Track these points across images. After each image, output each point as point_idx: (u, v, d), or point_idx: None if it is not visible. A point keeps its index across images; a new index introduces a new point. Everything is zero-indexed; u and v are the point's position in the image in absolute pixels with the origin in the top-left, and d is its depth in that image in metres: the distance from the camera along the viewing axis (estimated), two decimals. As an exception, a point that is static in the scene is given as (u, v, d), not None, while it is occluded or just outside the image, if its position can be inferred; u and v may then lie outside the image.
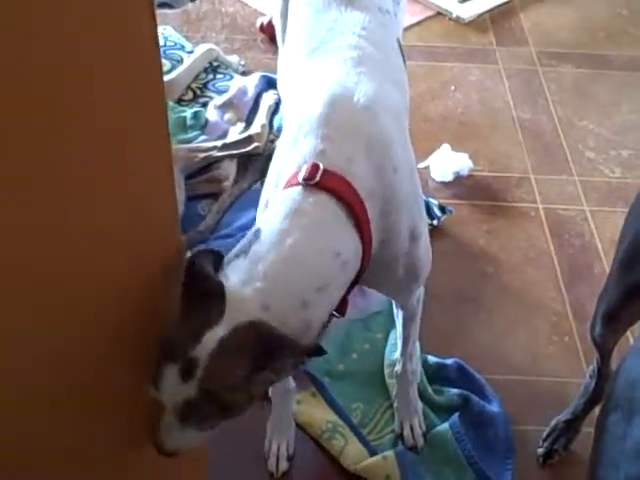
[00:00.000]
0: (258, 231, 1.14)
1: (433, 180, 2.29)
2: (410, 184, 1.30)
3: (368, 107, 1.26)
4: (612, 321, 1.41)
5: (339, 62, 1.35)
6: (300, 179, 1.15)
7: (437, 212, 2.14)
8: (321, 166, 1.16)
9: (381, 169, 1.22)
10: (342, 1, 1.50)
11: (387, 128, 1.28)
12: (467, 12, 3.02)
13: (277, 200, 1.18)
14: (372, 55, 1.38)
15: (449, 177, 2.29)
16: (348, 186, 1.16)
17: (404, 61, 1.53)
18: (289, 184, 1.18)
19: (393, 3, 1.64)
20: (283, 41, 1.73)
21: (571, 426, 1.65)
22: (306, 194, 1.15)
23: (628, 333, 1.54)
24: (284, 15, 1.70)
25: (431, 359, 1.79)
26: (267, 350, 1.05)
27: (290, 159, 1.22)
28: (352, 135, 1.22)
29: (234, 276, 1.09)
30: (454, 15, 3.01)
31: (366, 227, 1.18)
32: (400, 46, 1.54)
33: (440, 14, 3.03)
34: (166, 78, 2.38)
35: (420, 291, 1.51)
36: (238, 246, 1.15)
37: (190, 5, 2.42)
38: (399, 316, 1.58)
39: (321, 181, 1.15)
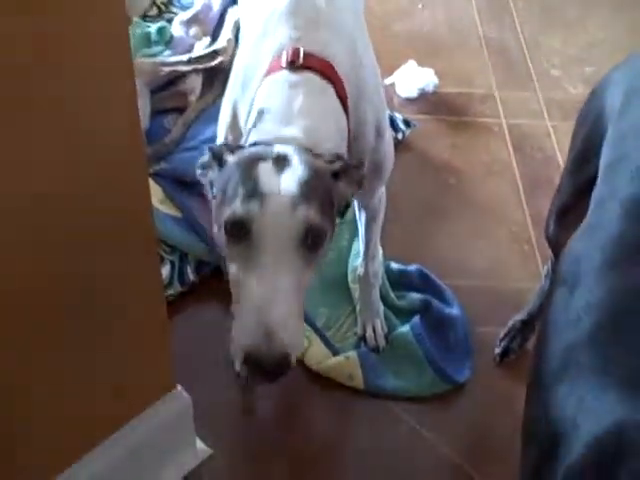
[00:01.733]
0: (261, 110, 1.18)
1: (398, 96, 2.30)
2: (374, 80, 1.35)
3: (330, 2, 1.29)
4: (564, 218, 1.46)
5: None
6: (283, 63, 1.19)
7: (402, 126, 2.16)
8: (301, 49, 1.20)
9: (351, 57, 1.26)
10: None
11: (350, 22, 1.32)
12: None
13: (265, 86, 1.21)
14: None
15: (414, 93, 2.30)
16: (330, 66, 1.21)
17: None
18: (271, 71, 1.21)
19: None
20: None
21: (527, 326, 1.72)
22: (293, 74, 1.19)
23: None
24: None
25: (394, 266, 1.84)
26: (337, 158, 1.13)
27: (263, 50, 1.25)
28: (321, 25, 1.26)
29: (265, 131, 1.15)
30: None
31: (347, 106, 1.22)
32: None
33: None
34: (130, -6, 2.35)
35: (382, 191, 1.55)
36: (248, 129, 1.19)
37: None
38: (361, 218, 1.62)
39: (305, 62, 1.19)
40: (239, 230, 1.05)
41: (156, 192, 1.82)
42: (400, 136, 2.13)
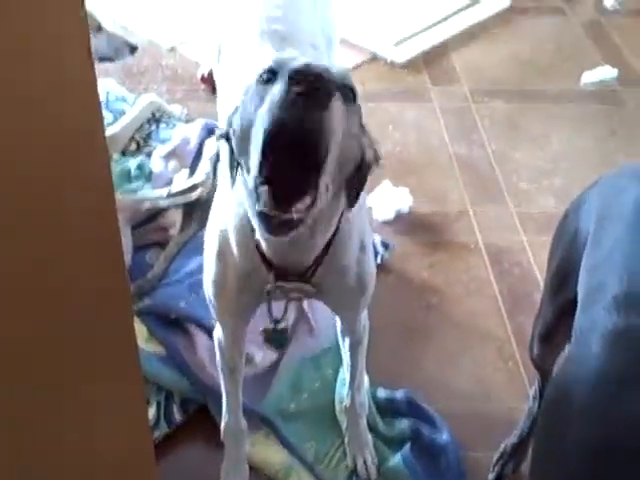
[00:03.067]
0: None
1: (375, 220, 2.35)
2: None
3: None
4: (548, 341, 1.48)
5: None
6: None
7: (380, 249, 2.20)
8: None
9: None
10: (277, 39, 1.57)
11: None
12: (401, 55, 3.13)
13: None
14: None
15: (390, 215, 2.35)
16: None
17: None
18: None
19: (325, 42, 1.74)
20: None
21: (519, 449, 1.71)
22: None
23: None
24: (220, 58, 1.77)
25: (380, 392, 1.84)
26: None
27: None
28: None
29: None
30: (389, 58, 3.11)
31: None
32: None
33: (375, 58, 3.13)
34: (109, 131, 2.42)
35: (365, 317, 1.57)
36: None
37: (130, 58, 2.47)
38: (346, 345, 1.63)
39: None
40: (270, 75, 1.05)
41: (140, 331, 1.83)
42: (379, 259, 2.17)
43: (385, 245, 2.22)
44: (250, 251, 1.26)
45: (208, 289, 1.41)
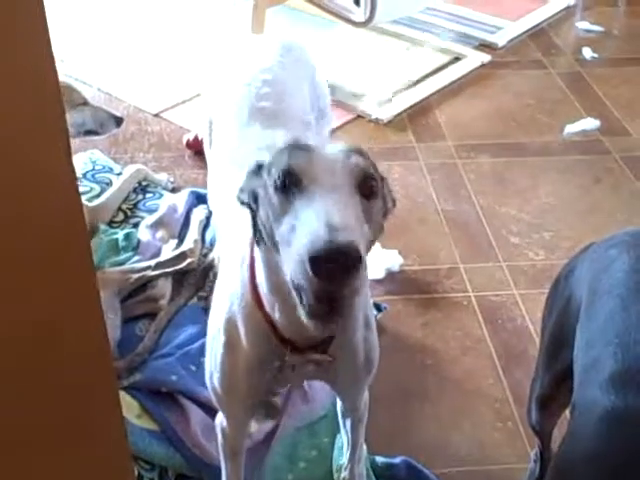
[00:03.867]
0: None
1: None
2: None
3: None
4: (546, 406, 1.45)
5: None
6: None
7: (374, 311, 2.18)
8: None
9: None
10: (266, 116, 1.58)
11: None
12: (386, 113, 3.16)
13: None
14: None
15: (381, 274, 2.34)
16: None
17: None
18: None
19: (316, 116, 1.74)
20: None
21: (522, 513, 1.67)
22: None
23: (567, 413, 1.58)
24: (211, 133, 1.78)
25: (379, 459, 1.80)
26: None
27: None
28: None
29: None
30: (373, 117, 3.14)
31: None
32: None
33: (360, 117, 3.16)
34: (96, 202, 2.42)
35: (366, 395, 1.55)
36: None
37: (116, 130, 2.48)
38: (347, 424, 1.60)
39: None
40: (290, 182, 0.99)
41: (132, 406, 1.79)
42: (372, 320, 2.15)
43: (377, 307, 2.21)
44: (261, 333, 1.21)
45: (215, 384, 1.35)
